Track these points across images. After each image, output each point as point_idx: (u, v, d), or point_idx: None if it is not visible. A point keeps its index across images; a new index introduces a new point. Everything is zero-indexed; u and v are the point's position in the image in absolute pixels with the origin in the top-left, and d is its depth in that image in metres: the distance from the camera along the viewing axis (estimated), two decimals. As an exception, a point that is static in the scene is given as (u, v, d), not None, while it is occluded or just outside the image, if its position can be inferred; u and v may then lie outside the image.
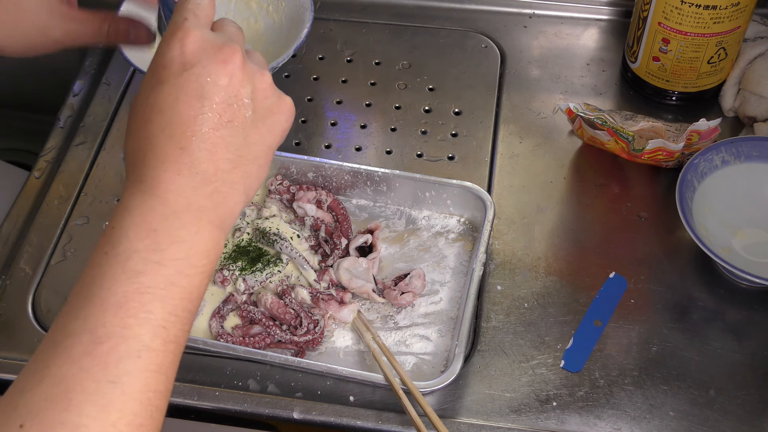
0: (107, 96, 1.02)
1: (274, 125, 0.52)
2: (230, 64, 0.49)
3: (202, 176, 0.48)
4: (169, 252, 0.46)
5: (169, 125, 0.48)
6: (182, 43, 0.49)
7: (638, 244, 0.85)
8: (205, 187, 0.48)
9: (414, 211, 0.88)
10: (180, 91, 0.48)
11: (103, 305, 0.44)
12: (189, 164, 0.47)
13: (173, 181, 0.47)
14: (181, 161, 0.47)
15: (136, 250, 0.45)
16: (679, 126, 0.89)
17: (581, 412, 0.74)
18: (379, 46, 1.07)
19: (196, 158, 0.47)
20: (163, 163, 0.47)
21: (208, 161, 0.48)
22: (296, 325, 0.77)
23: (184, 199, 0.47)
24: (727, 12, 0.86)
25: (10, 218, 0.90)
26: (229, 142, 0.49)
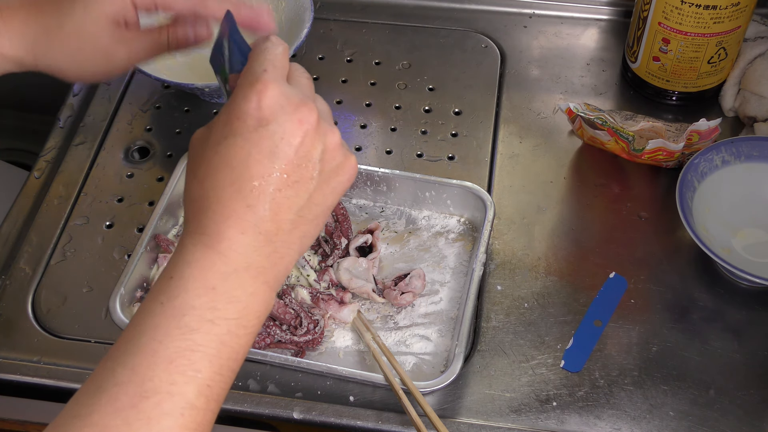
0: (107, 96, 1.02)
1: (337, 185, 0.51)
2: (306, 124, 0.48)
3: (264, 236, 0.47)
4: (224, 311, 0.46)
5: (239, 180, 0.47)
6: (260, 96, 0.48)
7: (638, 244, 0.85)
8: (266, 248, 0.48)
9: (414, 211, 0.88)
10: (253, 147, 0.47)
11: (153, 358, 0.44)
12: (254, 223, 0.47)
13: (237, 240, 0.47)
14: (246, 219, 0.47)
15: (193, 306, 0.45)
16: (679, 126, 0.89)
17: (581, 412, 0.74)
18: (379, 46, 1.07)
19: (260, 218, 0.47)
20: (228, 219, 0.47)
21: (271, 221, 0.48)
22: (296, 325, 0.77)
23: (245, 258, 0.47)
24: (727, 12, 0.86)
25: (10, 218, 0.90)
26: (293, 203, 0.48)
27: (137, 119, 1.00)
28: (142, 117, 1.00)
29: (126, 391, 0.43)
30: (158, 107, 1.01)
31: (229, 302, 0.46)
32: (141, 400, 0.42)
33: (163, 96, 1.02)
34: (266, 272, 0.48)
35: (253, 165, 0.47)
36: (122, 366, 0.44)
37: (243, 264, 0.47)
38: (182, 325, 0.45)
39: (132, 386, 0.43)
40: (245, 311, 0.47)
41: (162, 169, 0.94)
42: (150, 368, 0.43)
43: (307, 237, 0.51)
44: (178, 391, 0.43)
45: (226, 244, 0.47)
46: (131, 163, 0.95)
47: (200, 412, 0.44)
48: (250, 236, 0.47)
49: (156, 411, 0.43)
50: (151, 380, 0.43)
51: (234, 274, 0.47)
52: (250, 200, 0.47)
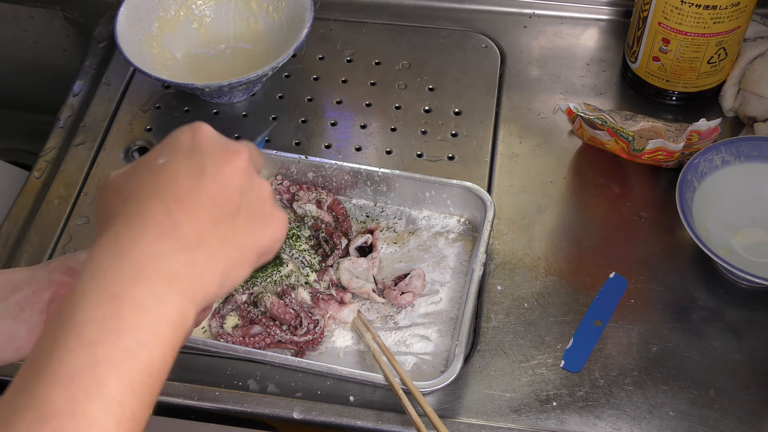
0: (107, 96, 1.02)
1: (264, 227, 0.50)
2: (237, 157, 0.49)
3: (183, 243, 0.45)
4: (130, 321, 0.42)
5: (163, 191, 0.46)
6: (194, 132, 0.49)
7: (638, 244, 0.85)
8: (184, 255, 0.45)
9: (414, 211, 0.88)
10: (182, 165, 0.47)
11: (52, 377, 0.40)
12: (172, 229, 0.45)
13: (151, 245, 0.44)
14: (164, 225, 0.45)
15: (93, 319, 0.41)
16: (679, 126, 0.89)
17: (581, 412, 0.74)
18: (379, 46, 1.07)
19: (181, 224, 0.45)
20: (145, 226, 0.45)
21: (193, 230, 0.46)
22: (296, 325, 0.77)
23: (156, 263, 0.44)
24: (727, 12, 0.86)
25: (10, 218, 0.90)
26: (216, 220, 0.47)
27: (137, 119, 1.00)
28: (142, 117, 1.00)
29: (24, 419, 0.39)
30: (158, 107, 1.01)
31: (136, 311, 0.42)
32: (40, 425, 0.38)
33: (163, 96, 1.02)
34: (181, 280, 0.45)
35: (181, 179, 0.47)
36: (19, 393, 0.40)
37: (154, 269, 0.44)
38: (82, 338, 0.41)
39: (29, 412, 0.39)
40: (156, 320, 0.43)
41: (162, 169, 0.94)
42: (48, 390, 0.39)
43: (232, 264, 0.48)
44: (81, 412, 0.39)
45: (139, 251, 0.44)
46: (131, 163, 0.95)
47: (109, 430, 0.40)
48: (166, 242, 0.45)
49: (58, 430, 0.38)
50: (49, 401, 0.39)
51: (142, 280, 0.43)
52: (171, 208, 0.46)
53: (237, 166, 0.49)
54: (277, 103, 1.01)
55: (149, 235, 0.45)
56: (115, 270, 0.43)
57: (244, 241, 0.49)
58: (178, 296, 0.44)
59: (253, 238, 0.49)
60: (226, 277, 0.48)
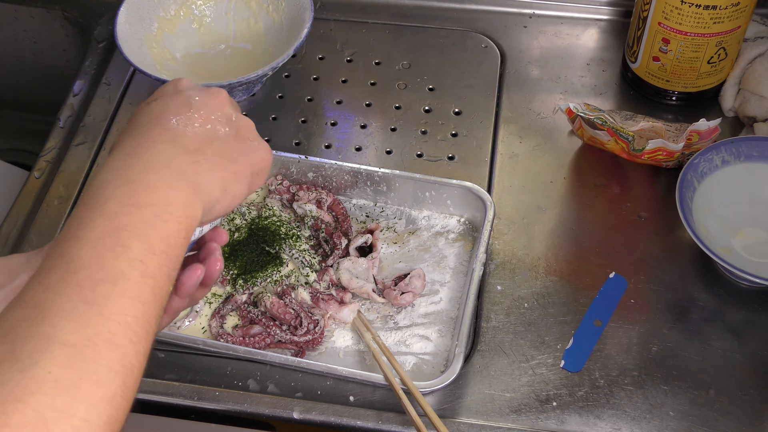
0: (107, 96, 1.02)
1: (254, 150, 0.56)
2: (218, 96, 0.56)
3: (184, 147, 0.51)
4: (145, 198, 0.47)
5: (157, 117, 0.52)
6: (176, 83, 0.56)
7: (638, 244, 0.85)
8: (186, 156, 0.51)
9: (414, 211, 0.88)
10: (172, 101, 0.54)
11: (79, 241, 0.45)
12: (172, 138, 0.51)
13: (156, 147, 0.50)
14: (165, 135, 0.51)
15: (113, 196, 0.47)
16: (679, 126, 0.89)
17: (581, 412, 0.74)
18: (379, 46, 1.07)
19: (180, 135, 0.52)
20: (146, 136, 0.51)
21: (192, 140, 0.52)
22: (296, 325, 0.77)
23: (164, 159, 0.50)
24: (727, 12, 0.86)
25: (10, 218, 0.90)
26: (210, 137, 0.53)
27: (137, 119, 1.00)
28: (142, 117, 1.00)
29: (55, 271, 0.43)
30: (158, 107, 1.01)
31: (149, 191, 0.48)
32: (69, 274, 0.43)
33: (163, 96, 1.02)
34: (187, 175, 0.50)
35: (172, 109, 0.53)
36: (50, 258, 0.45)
37: (162, 163, 0.49)
38: (105, 211, 0.46)
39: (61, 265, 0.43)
40: (168, 199, 0.48)
41: (162, 169, 0.94)
42: (77, 249, 0.44)
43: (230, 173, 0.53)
44: (108, 264, 0.44)
45: (145, 150, 0.50)
46: (131, 163, 0.95)
47: (136, 283, 0.44)
48: (168, 145, 0.51)
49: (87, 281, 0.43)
50: (79, 258, 0.44)
51: (152, 170, 0.49)
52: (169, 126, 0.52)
53: (219, 100, 0.55)
54: (277, 103, 1.01)
55: (154, 140, 0.51)
56: (128, 164, 0.49)
57: (240, 157, 0.54)
58: (185, 185, 0.49)
59: (245, 155, 0.55)
60: (226, 184, 0.53)
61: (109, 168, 0.49)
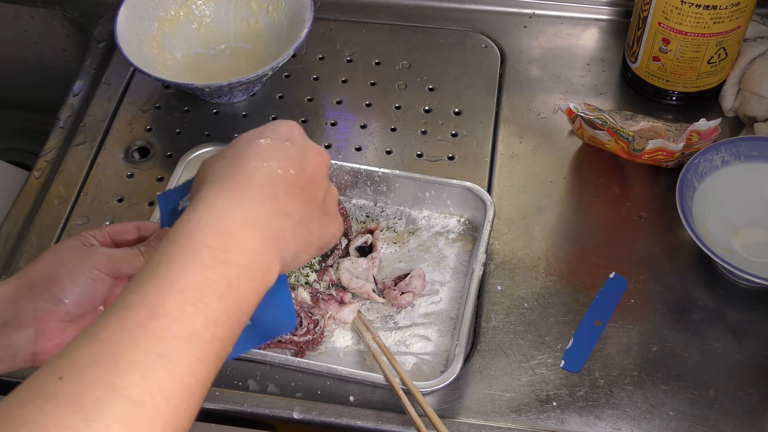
0: (107, 96, 1.02)
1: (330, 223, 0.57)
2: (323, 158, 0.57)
3: (278, 210, 0.52)
4: (236, 257, 0.48)
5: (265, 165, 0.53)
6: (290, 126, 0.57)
7: (638, 244, 0.85)
8: (279, 220, 0.52)
9: (414, 211, 0.88)
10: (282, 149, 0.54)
11: (166, 286, 0.45)
12: (273, 196, 0.52)
13: (257, 202, 0.51)
14: (267, 190, 0.52)
15: (209, 246, 0.47)
16: (679, 126, 0.89)
17: (581, 412, 0.74)
18: (379, 46, 1.07)
19: (279, 195, 0.52)
20: (252, 186, 0.51)
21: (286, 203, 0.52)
22: (296, 325, 0.77)
23: (260, 220, 0.50)
24: (727, 12, 0.86)
25: (10, 218, 0.90)
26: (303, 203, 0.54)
27: (137, 119, 1.00)
28: (142, 117, 1.00)
29: (137, 313, 0.44)
30: (158, 107, 1.01)
31: (242, 251, 0.48)
32: (150, 321, 0.44)
33: (163, 96, 1.02)
34: (276, 240, 0.51)
35: (281, 160, 0.53)
36: (133, 293, 0.45)
37: (259, 223, 0.50)
38: (197, 261, 0.46)
39: (143, 309, 0.44)
40: (254, 264, 0.49)
41: (162, 169, 0.94)
42: (162, 295, 0.45)
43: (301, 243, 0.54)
44: (188, 319, 0.45)
45: (247, 203, 0.50)
46: (131, 163, 0.95)
47: (206, 344, 0.45)
48: (268, 204, 0.51)
49: (165, 332, 0.44)
50: (162, 305, 0.44)
51: (250, 227, 0.49)
52: (272, 178, 0.52)
53: (322, 168, 0.57)
54: (277, 103, 1.01)
55: (255, 193, 0.51)
56: (230, 213, 0.49)
57: (316, 230, 0.55)
58: (272, 251, 0.51)
59: (321, 230, 0.56)
60: (297, 254, 0.54)
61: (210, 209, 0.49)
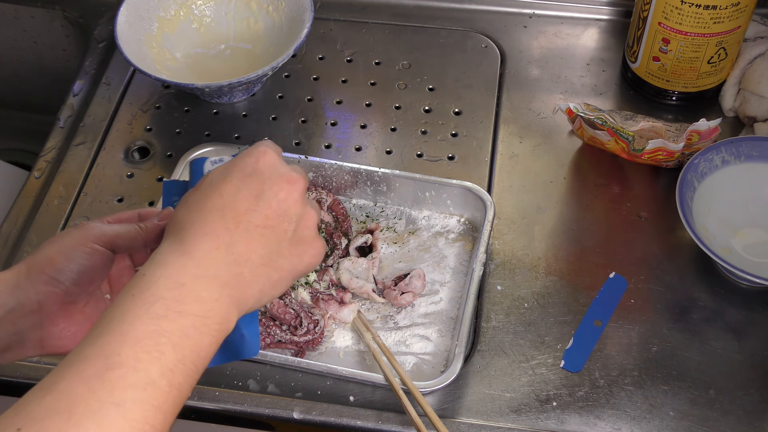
0: (107, 96, 1.02)
1: (303, 254, 0.56)
2: (293, 185, 0.55)
3: (234, 258, 0.52)
4: (191, 307, 0.49)
5: (224, 208, 0.53)
6: (258, 156, 0.55)
7: (638, 244, 0.85)
8: (234, 268, 0.52)
9: (414, 211, 0.88)
10: (244, 186, 0.54)
11: (122, 336, 0.47)
12: (227, 243, 0.52)
13: (210, 253, 0.51)
14: (222, 238, 0.52)
15: (163, 297, 0.49)
16: (679, 126, 0.89)
17: (581, 412, 0.74)
18: (379, 46, 1.07)
19: (235, 241, 0.52)
20: (206, 235, 0.52)
21: (244, 248, 0.52)
22: (296, 325, 0.77)
23: (215, 269, 0.51)
24: (727, 12, 0.86)
25: (10, 218, 0.90)
26: (265, 243, 0.53)
27: (137, 119, 1.00)
28: (142, 117, 1.00)
29: (93, 364, 0.45)
30: (158, 107, 1.01)
31: (196, 300, 0.49)
32: (106, 371, 0.45)
33: (163, 96, 1.02)
34: (231, 288, 0.52)
35: (240, 200, 0.53)
36: (90, 345, 0.46)
37: (212, 272, 0.51)
38: (151, 312, 0.48)
39: (99, 359, 0.45)
40: (210, 312, 0.50)
41: (162, 169, 0.94)
42: (117, 345, 0.46)
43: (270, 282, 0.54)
44: (143, 368, 0.46)
45: (201, 254, 0.51)
46: (131, 163, 0.95)
47: (162, 392, 0.46)
48: (222, 252, 0.52)
49: (120, 382, 0.45)
50: (118, 355, 0.46)
51: (203, 278, 0.50)
52: (229, 224, 0.52)
53: (292, 196, 0.55)
54: (277, 103, 1.01)
55: (209, 243, 0.52)
56: (180, 264, 0.50)
57: (285, 265, 0.55)
58: (227, 300, 0.51)
59: (292, 263, 0.55)
60: (263, 294, 0.54)
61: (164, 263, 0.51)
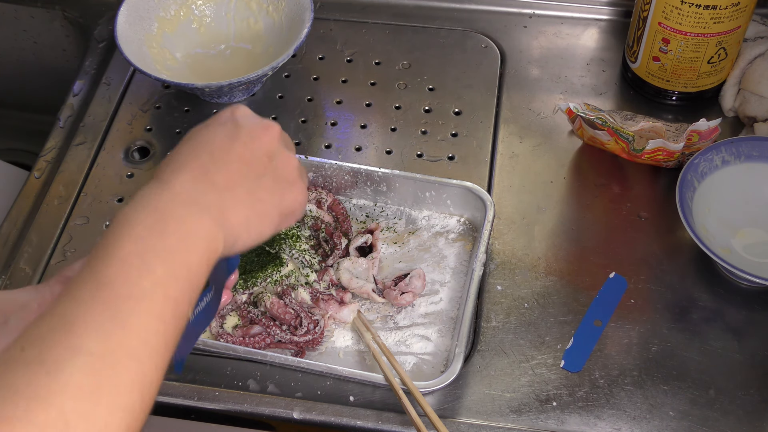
0: (107, 96, 1.02)
1: (286, 191, 0.57)
2: (268, 130, 0.57)
3: (213, 186, 0.53)
4: (172, 227, 0.50)
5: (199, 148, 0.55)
6: (233, 110, 0.58)
7: (638, 244, 0.85)
8: (214, 195, 0.53)
9: (414, 211, 0.88)
10: (219, 130, 0.56)
11: (108, 259, 0.47)
12: (204, 174, 0.53)
13: (188, 182, 0.52)
14: (199, 171, 0.53)
15: (143, 222, 0.49)
16: (679, 126, 0.89)
17: (581, 412, 0.74)
18: (379, 46, 1.07)
19: (212, 172, 0.53)
20: (183, 170, 0.53)
21: (222, 179, 0.54)
22: (296, 325, 0.77)
23: (194, 195, 0.52)
24: (727, 12, 0.86)
25: (10, 218, 0.90)
26: (244, 175, 0.55)
27: (137, 119, 1.00)
28: (142, 117, 1.00)
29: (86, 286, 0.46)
30: (158, 107, 1.01)
31: (177, 221, 0.50)
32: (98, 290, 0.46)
33: (163, 96, 1.02)
34: (213, 211, 0.52)
35: (216, 142, 0.55)
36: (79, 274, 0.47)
37: (192, 198, 0.52)
38: (133, 234, 0.48)
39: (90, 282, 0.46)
40: (192, 232, 0.50)
41: (162, 169, 0.94)
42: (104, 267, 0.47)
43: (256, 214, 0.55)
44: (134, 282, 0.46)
45: (178, 184, 0.52)
46: (131, 163, 0.95)
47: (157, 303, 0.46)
48: (200, 183, 0.53)
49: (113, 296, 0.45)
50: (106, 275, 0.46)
51: (182, 202, 0.51)
52: (204, 160, 0.54)
53: (267, 136, 0.57)
54: (277, 103, 1.01)
55: (185, 178, 0.53)
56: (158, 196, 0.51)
57: (268, 199, 0.56)
58: (210, 220, 0.52)
59: (276, 197, 0.56)
60: (249, 224, 0.54)
61: (141, 196, 0.51)
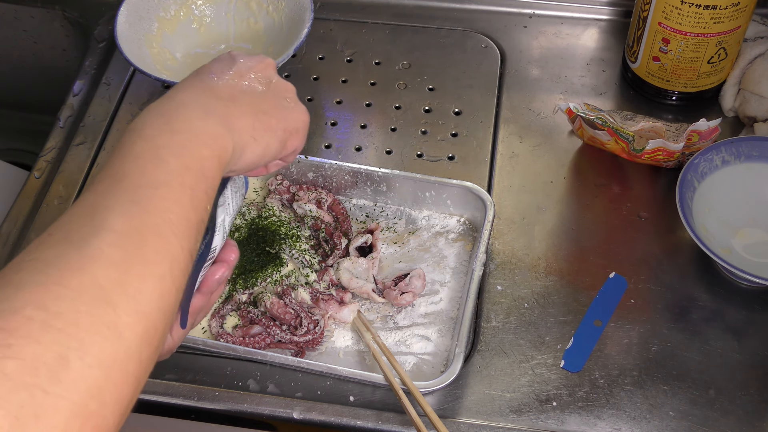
0: (107, 96, 1.02)
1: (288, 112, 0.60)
2: (264, 61, 0.60)
3: (217, 98, 0.55)
4: (180, 126, 0.51)
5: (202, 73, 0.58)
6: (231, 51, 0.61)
7: (638, 244, 0.85)
8: (218, 101, 0.55)
9: (414, 211, 0.88)
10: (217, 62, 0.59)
11: (123, 158, 0.49)
12: (208, 89, 0.56)
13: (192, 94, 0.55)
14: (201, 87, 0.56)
15: (151, 124, 0.51)
16: (679, 126, 0.89)
17: (581, 412, 0.74)
18: (379, 46, 1.07)
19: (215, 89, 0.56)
20: (186, 87, 0.56)
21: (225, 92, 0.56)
22: (296, 325, 0.77)
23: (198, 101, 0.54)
24: (727, 12, 0.86)
25: (10, 218, 0.90)
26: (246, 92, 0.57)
27: (137, 119, 1.00)
28: (142, 117, 1.00)
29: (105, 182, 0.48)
30: (158, 107, 1.01)
31: (184, 121, 0.52)
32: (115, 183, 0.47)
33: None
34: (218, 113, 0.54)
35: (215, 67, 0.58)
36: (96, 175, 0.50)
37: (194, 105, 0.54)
38: (144, 135, 0.50)
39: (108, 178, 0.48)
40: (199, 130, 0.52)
41: (162, 169, 0.94)
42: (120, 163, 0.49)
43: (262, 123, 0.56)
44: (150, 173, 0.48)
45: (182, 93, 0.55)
46: (131, 163, 0.95)
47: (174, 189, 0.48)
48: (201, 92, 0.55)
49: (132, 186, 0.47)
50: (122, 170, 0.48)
51: (186, 106, 0.53)
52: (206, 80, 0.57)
53: (263, 64, 0.60)
54: (277, 103, 1.01)
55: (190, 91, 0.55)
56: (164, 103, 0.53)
57: (272, 112, 0.58)
58: (216, 120, 0.53)
59: (279, 115, 0.59)
60: (255, 132, 0.56)
61: (148, 109, 0.53)
